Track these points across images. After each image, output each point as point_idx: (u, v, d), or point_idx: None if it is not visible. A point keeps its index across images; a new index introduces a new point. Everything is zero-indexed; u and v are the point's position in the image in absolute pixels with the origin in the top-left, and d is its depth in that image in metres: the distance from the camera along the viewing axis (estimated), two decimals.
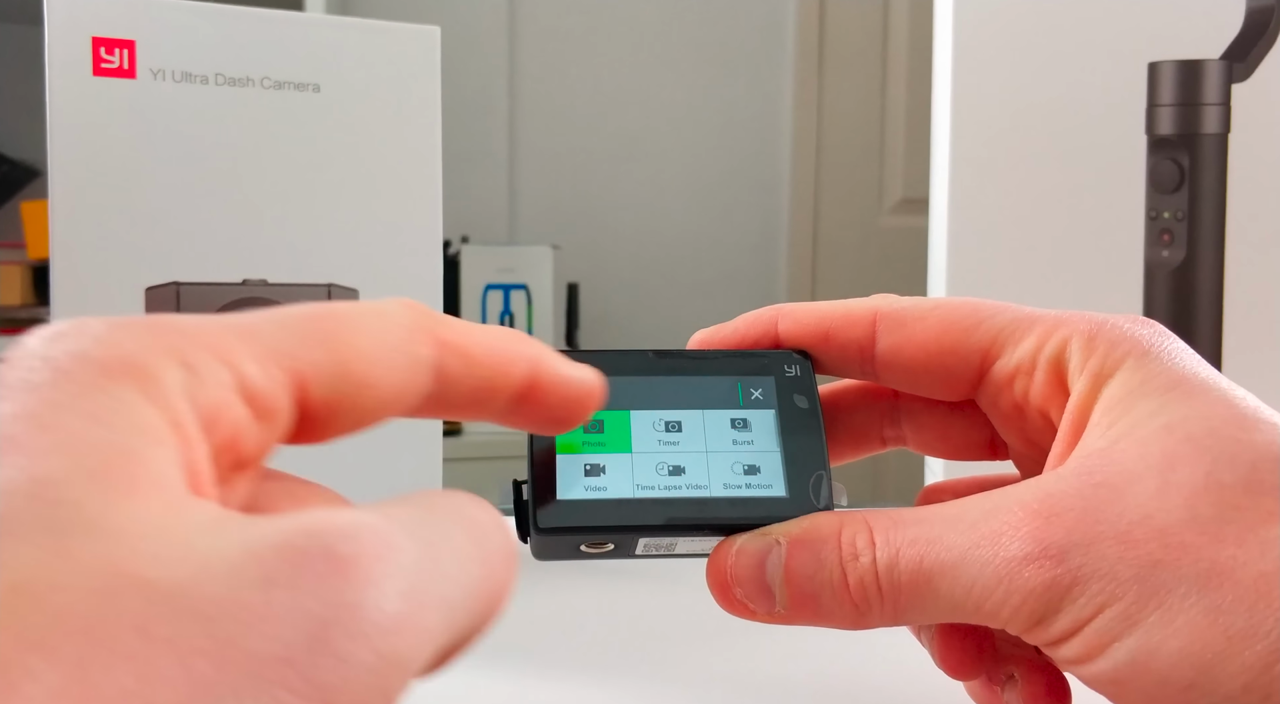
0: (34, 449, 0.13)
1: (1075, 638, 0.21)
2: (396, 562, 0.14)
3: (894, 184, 1.96)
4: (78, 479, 0.13)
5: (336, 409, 0.18)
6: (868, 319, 0.27)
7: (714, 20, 1.92)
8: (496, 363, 0.19)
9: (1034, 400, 0.25)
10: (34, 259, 1.53)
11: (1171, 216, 0.51)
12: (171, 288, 0.42)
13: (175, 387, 0.15)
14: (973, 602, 0.21)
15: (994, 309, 0.26)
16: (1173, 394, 0.22)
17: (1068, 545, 0.21)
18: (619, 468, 0.25)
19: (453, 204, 1.00)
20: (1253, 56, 0.50)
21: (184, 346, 0.15)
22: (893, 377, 0.27)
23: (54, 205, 0.40)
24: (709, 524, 0.24)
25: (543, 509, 0.24)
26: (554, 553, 0.25)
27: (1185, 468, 0.21)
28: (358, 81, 0.44)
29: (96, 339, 0.15)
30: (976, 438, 0.28)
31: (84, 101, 0.40)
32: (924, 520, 0.22)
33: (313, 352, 0.17)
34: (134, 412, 0.14)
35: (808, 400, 0.26)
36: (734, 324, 0.28)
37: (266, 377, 0.16)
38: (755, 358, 0.27)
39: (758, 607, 0.24)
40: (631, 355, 0.26)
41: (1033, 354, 0.25)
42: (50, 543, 0.12)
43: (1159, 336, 0.24)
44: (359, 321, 0.18)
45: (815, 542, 0.23)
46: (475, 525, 0.16)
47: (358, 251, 0.44)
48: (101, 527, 0.13)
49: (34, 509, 0.13)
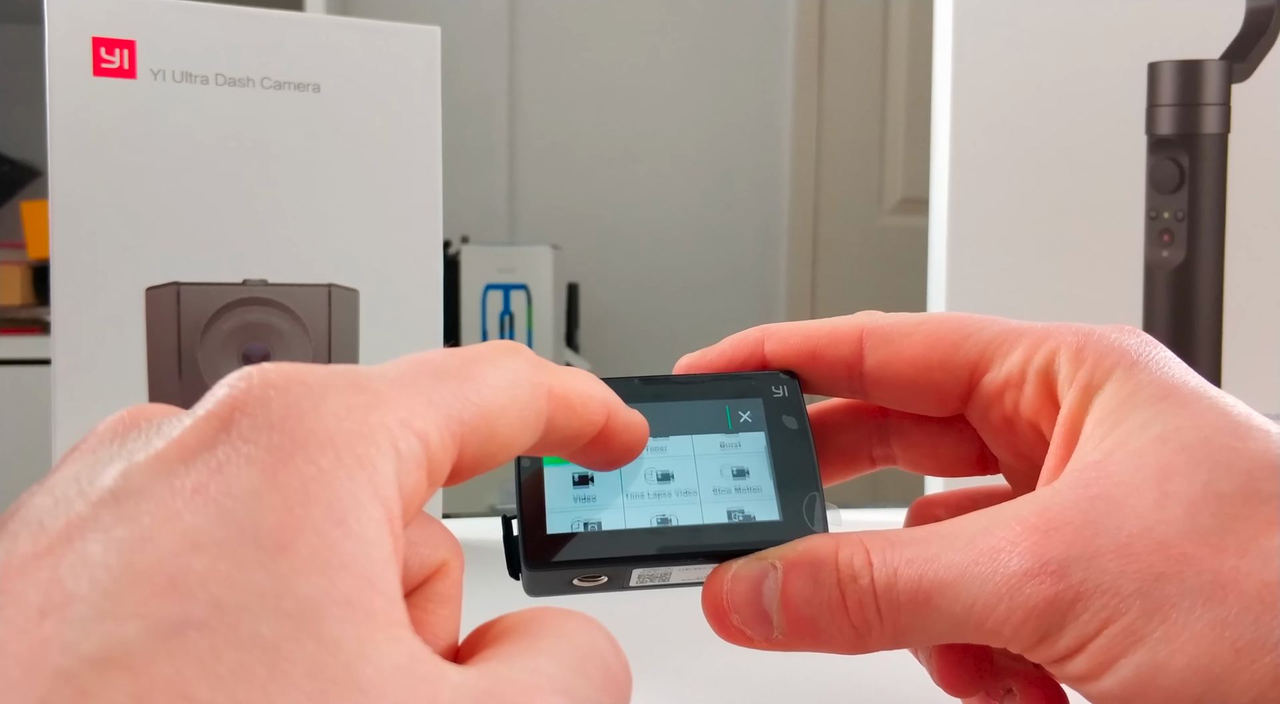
0: (289, 553, 0.14)
1: (1079, 655, 0.20)
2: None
3: (894, 184, 1.96)
4: (335, 609, 0.14)
5: (476, 466, 0.19)
6: (854, 337, 0.26)
7: (714, 20, 1.92)
8: (588, 412, 0.21)
9: (1024, 413, 0.25)
10: (34, 259, 1.53)
11: (1171, 216, 0.51)
12: (171, 288, 0.42)
13: (391, 476, 0.16)
14: (973, 620, 0.21)
15: (981, 323, 0.26)
16: (1164, 404, 0.22)
17: (1068, 560, 0.20)
18: (609, 499, 0.25)
19: (453, 204, 1.00)
20: (1253, 56, 0.50)
21: (392, 425, 0.16)
22: (881, 393, 0.27)
23: (54, 205, 0.40)
24: (703, 552, 0.24)
25: (533, 544, 0.24)
26: (547, 588, 0.25)
27: (1182, 478, 0.21)
28: (358, 81, 0.44)
29: (315, 407, 0.16)
30: (966, 453, 0.28)
31: (84, 101, 0.40)
32: (920, 539, 0.22)
33: (472, 416, 0.18)
34: (368, 515, 0.15)
35: (797, 421, 0.26)
36: (719, 347, 0.28)
37: (444, 448, 0.17)
38: (742, 380, 0.27)
39: (755, 633, 0.23)
40: (617, 383, 0.26)
41: (1021, 367, 0.25)
42: (316, 692, 0.13)
43: (1146, 346, 0.24)
44: (495, 379, 0.19)
45: (812, 564, 0.23)
46: (605, 666, 0.18)
47: (358, 251, 0.44)
48: (359, 683, 0.14)
49: (302, 645, 0.13)
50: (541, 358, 0.21)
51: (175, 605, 0.13)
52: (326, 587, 0.14)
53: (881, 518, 0.54)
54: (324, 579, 0.14)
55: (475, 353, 0.19)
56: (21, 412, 1.38)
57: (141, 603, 0.13)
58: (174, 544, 0.14)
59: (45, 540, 0.14)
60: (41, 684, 0.12)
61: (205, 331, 0.42)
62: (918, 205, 1.90)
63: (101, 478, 0.15)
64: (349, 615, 0.14)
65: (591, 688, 0.17)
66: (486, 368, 0.19)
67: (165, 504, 0.14)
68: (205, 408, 0.16)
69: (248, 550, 0.14)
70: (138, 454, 0.15)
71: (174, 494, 0.14)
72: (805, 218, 1.96)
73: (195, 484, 0.14)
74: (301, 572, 0.14)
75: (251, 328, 0.43)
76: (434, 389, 0.17)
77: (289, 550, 0.14)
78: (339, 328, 0.44)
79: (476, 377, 0.18)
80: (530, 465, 0.25)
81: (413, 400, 0.17)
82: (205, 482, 0.14)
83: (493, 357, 0.19)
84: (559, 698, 0.16)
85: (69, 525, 0.14)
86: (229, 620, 0.13)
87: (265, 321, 0.43)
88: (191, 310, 0.42)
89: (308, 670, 0.13)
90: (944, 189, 0.51)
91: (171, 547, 0.14)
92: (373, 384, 0.17)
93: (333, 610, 0.14)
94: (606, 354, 1.89)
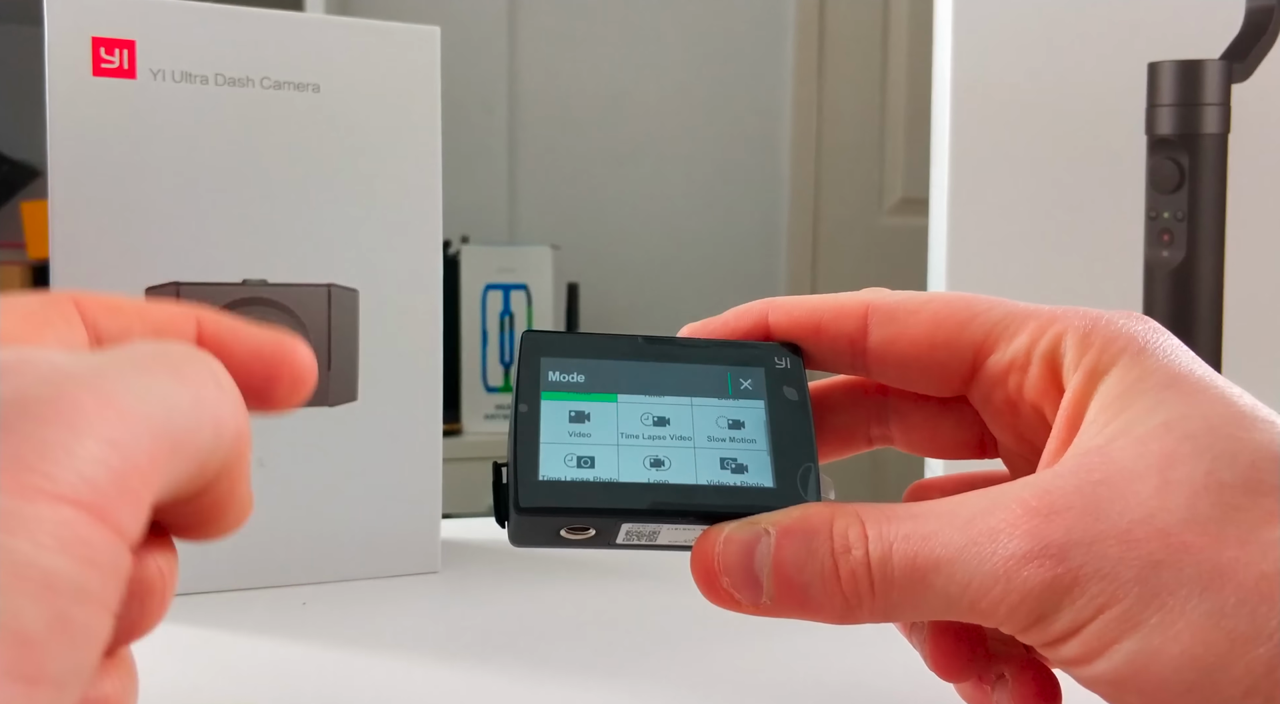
0: None
1: (1074, 639, 0.20)
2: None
3: (894, 184, 1.96)
4: None
5: None
6: (859, 312, 0.26)
7: (714, 20, 1.91)
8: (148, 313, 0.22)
9: (1028, 396, 0.25)
10: (34, 259, 1.53)
11: (1171, 216, 0.51)
12: (171, 288, 0.42)
13: None
14: (968, 599, 0.21)
15: (988, 304, 0.26)
16: (1170, 391, 0.22)
17: (1068, 544, 0.20)
18: (604, 452, 0.24)
19: (453, 204, 1.00)
20: (1253, 56, 0.50)
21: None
22: (884, 371, 0.27)
23: (54, 205, 0.40)
24: (694, 511, 0.24)
25: (524, 488, 0.24)
26: (532, 537, 0.24)
27: (1185, 466, 0.21)
28: (358, 81, 0.44)
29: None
30: (965, 436, 0.28)
31: (84, 101, 0.40)
32: (918, 516, 0.22)
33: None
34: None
35: (797, 393, 0.26)
36: (724, 317, 0.28)
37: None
38: (746, 348, 0.27)
39: (744, 597, 0.23)
40: (621, 340, 0.26)
41: (1027, 349, 0.25)
42: None
43: (1154, 333, 0.24)
44: None
45: (806, 532, 0.23)
46: (171, 362, 0.18)
47: (358, 251, 0.44)
48: None
49: None
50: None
51: None
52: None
53: None
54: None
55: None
56: None
57: None
58: None
59: None
60: None
61: None
62: (918, 205, 1.89)
63: None
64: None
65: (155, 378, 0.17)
66: None
67: None
68: None
69: None
70: None
71: None
72: (805, 218, 1.96)
73: None
74: None
75: None
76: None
77: None
78: (339, 328, 0.44)
79: None
80: (527, 408, 0.24)
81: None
82: None
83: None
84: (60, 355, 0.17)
85: None
86: None
87: (265, 321, 0.43)
88: None
89: None
90: (944, 189, 0.51)
91: None
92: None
93: None
94: None
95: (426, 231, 0.45)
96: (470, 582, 0.46)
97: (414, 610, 0.43)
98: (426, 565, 0.46)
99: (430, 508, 0.46)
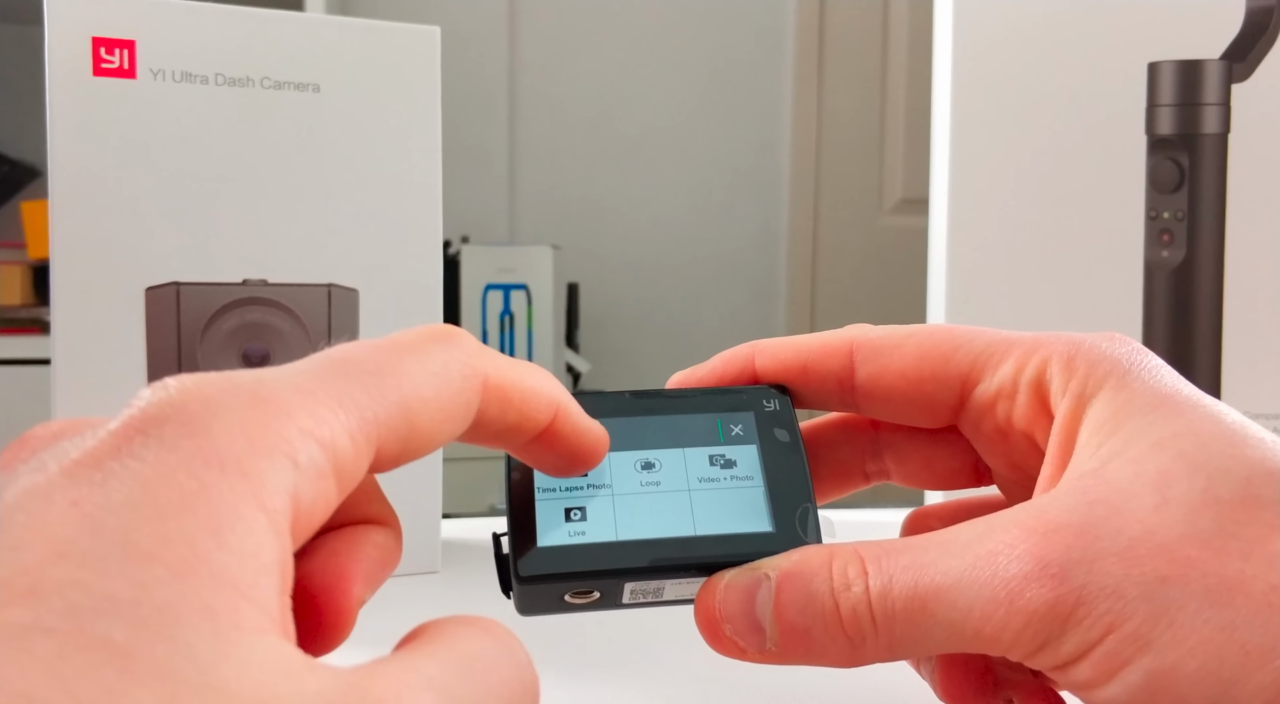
0: (155, 562, 0.14)
1: (1084, 661, 0.20)
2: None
3: (894, 184, 1.96)
4: (192, 615, 0.14)
5: (398, 459, 0.19)
6: (844, 350, 0.26)
7: (714, 21, 1.92)
8: (529, 407, 0.21)
9: (1018, 424, 0.25)
10: (34, 259, 1.53)
11: (1171, 216, 0.51)
12: (171, 288, 0.42)
13: (281, 488, 0.16)
14: (971, 627, 0.21)
15: (970, 334, 0.26)
16: (1159, 412, 0.22)
17: (1068, 562, 0.20)
18: (600, 512, 0.24)
19: (453, 204, 1.00)
20: (1253, 56, 0.50)
21: (292, 436, 0.16)
22: (873, 406, 0.27)
23: (54, 205, 0.40)
24: (695, 564, 0.24)
25: (523, 558, 0.24)
26: (538, 605, 0.24)
27: (1181, 483, 0.20)
28: (358, 81, 0.44)
29: (207, 424, 0.16)
30: (960, 465, 0.28)
31: (84, 101, 0.40)
32: (916, 547, 0.22)
33: (391, 415, 0.18)
34: (247, 527, 0.15)
35: (789, 434, 0.26)
36: (710, 364, 0.28)
37: (356, 451, 0.17)
38: (734, 394, 0.27)
39: (748, 644, 0.23)
40: (608, 397, 0.26)
41: (1013, 378, 0.25)
42: (165, 692, 0.13)
43: (1137, 355, 0.24)
44: (417, 371, 0.19)
45: (806, 574, 0.23)
46: (494, 671, 0.17)
47: (358, 251, 0.44)
48: (211, 682, 0.14)
49: (154, 647, 0.13)
50: (484, 346, 0.20)
51: (29, 611, 0.13)
52: (186, 593, 0.14)
53: (880, 518, 0.54)
54: (185, 586, 0.14)
55: (398, 343, 0.19)
56: (21, 412, 1.38)
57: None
58: (40, 553, 0.14)
59: None
60: None
61: (205, 332, 0.42)
62: (918, 205, 1.90)
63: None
64: (207, 621, 0.14)
65: (475, 691, 0.16)
66: (408, 359, 0.19)
67: (38, 516, 0.14)
68: (110, 427, 0.16)
69: (113, 559, 0.14)
70: (30, 474, 0.15)
71: (49, 506, 0.15)
72: (805, 218, 1.96)
73: (73, 498, 0.15)
74: (164, 580, 0.14)
75: (251, 328, 0.43)
76: (345, 389, 0.17)
77: (155, 560, 0.14)
78: (339, 328, 0.44)
79: (396, 370, 0.18)
80: (520, 474, 0.24)
81: (318, 406, 0.17)
82: (85, 495, 0.15)
83: (417, 346, 0.19)
84: (429, 695, 0.15)
85: None
86: (80, 625, 0.13)
87: (265, 322, 0.43)
88: (191, 310, 0.42)
89: (157, 672, 0.13)
90: (944, 189, 0.51)
91: (37, 556, 0.14)
92: (276, 393, 0.16)
93: (190, 616, 0.14)
94: (606, 354, 1.89)
95: (426, 231, 0.45)
96: (470, 582, 0.46)
97: (414, 610, 0.43)
98: (426, 565, 0.46)
99: (430, 508, 0.46)
